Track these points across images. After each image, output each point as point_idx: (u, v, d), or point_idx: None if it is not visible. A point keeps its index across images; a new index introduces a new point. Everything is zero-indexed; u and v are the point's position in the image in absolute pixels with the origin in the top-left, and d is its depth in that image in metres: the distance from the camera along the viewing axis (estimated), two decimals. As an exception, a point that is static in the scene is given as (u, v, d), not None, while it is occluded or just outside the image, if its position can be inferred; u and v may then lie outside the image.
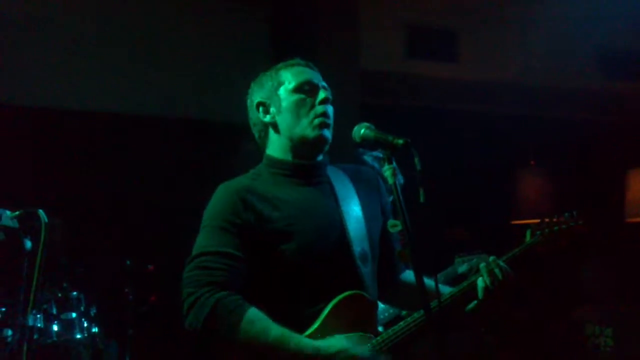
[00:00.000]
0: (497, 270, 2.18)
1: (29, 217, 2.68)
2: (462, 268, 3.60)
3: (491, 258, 2.23)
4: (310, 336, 2.05)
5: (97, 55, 5.29)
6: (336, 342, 2.02)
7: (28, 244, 2.75)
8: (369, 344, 2.08)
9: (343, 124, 2.29)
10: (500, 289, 2.18)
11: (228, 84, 5.39)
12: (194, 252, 2.13)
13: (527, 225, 2.40)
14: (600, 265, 5.30)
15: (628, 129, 5.95)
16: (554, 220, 2.36)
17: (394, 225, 2.12)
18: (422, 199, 3.46)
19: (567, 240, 2.33)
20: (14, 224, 2.70)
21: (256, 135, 2.34)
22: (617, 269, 5.29)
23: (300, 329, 2.05)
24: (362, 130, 2.09)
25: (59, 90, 5.21)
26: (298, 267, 2.10)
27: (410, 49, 5.85)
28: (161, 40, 5.47)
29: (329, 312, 2.07)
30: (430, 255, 2.08)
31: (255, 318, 1.99)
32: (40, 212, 2.59)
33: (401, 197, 1.96)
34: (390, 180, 1.98)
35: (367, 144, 2.10)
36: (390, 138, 2.00)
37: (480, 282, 2.19)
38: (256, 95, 2.31)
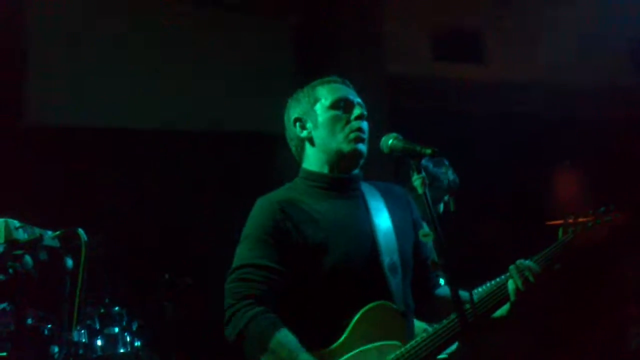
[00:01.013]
0: (527, 272, 2.16)
1: (70, 237, 2.75)
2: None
3: (520, 260, 2.21)
4: (339, 348, 2.09)
5: (127, 73, 5.38)
6: None
7: (69, 262, 2.83)
8: (396, 354, 2.10)
9: (372, 129, 2.34)
10: (532, 290, 2.16)
11: (256, 94, 5.46)
12: (235, 263, 2.20)
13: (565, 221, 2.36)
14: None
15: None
16: (588, 216, 2.31)
17: (426, 235, 2.14)
18: (452, 208, 3.46)
19: (603, 234, 2.28)
20: (56, 243, 2.78)
21: (293, 150, 2.41)
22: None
23: (331, 340, 2.10)
24: (390, 141, 2.13)
25: (93, 108, 5.32)
26: (331, 278, 2.15)
27: (436, 51, 5.84)
28: (189, 54, 5.55)
29: (356, 322, 2.12)
30: (462, 265, 2.09)
31: (285, 340, 2.05)
32: (80, 231, 2.66)
33: (432, 206, 1.98)
34: (420, 190, 2.00)
35: (395, 154, 2.13)
36: (418, 148, 2.04)
37: (510, 284, 2.18)
38: (293, 111, 2.38)
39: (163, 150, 5.41)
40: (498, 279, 2.27)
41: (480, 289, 2.37)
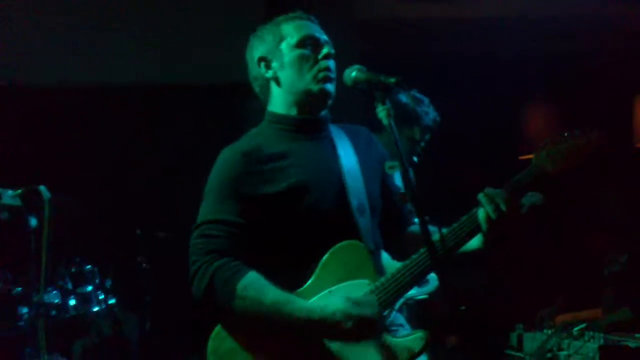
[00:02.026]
0: (497, 199, 2.09)
1: (32, 195, 2.65)
2: None
3: (489, 189, 2.15)
4: (307, 289, 2.09)
5: (91, 27, 5.22)
6: (331, 301, 2.05)
7: (33, 221, 2.74)
8: (365, 292, 2.09)
9: (342, 73, 2.24)
10: (504, 217, 2.09)
11: (225, 41, 5.32)
12: (198, 220, 2.16)
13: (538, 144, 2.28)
14: (616, 193, 5.22)
15: (633, 54, 5.81)
16: (560, 138, 2.22)
17: (392, 167, 2.13)
18: (408, 148, 3.42)
19: (578, 156, 2.19)
20: (17, 202, 2.68)
21: (257, 90, 2.34)
22: (631, 194, 5.21)
23: (301, 283, 2.10)
24: (354, 73, 2.09)
25: (58, 66, 5.17)
26: (300, 223, 2.13)
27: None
28: (151, 3, 5.38)
29: (324, 263, 2.11)
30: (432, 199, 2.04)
31: (250, 283, 2.03)
32: (42, 188, 2.57)
33: (398, 137, 1.95)
34: (385, 121, 1.97)
35: (359, 86, 2.09)
36: (382, 78, 2.00)
37: (481, 213, 2.11)
38: (257, 50, 2.30)
39: (131, 105, 5.29)
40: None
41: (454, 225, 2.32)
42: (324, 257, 2.11)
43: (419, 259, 2.09)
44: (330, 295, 2.08)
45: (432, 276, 2.14)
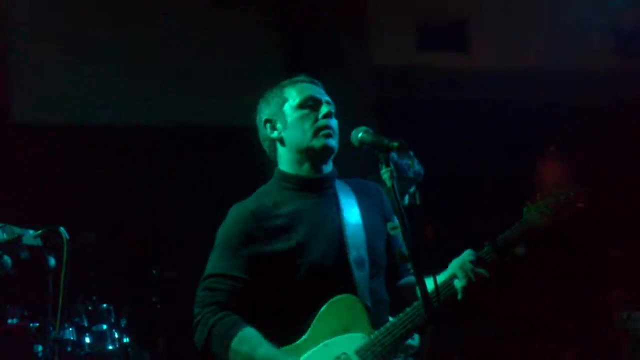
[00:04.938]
0: (470, 274, 2.18)
1: (51, 235, 2.73)
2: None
3: (467, 252, 2.23)
4: (304, 342, 2.14)
5: (112, 71, 5.36)
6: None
7: (52, 261, 2.82)
8: (359, 344, 2.14)
9: (361, 121, 2.32)
10: (478, 286, 2.18)
11: (241, 90, 5.44)
12: (205, 272, 2.26)
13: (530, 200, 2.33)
14: (628, 248, 5.21)
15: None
16: (549, 193, 2.29)
17: (394, 228, 2.17)
18: (418, 201, 3.49)
19: (566, 211, 2.25)
20: (37, 242, 2.76)
21: (267, 151, 2.44)
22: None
23: (299, 335, 2.15)
24: (360, 134, 2.15)
25: (82, 106, 5.31)
26: (301, 280, 2.19)
27: (421, 42, 5.83)
28: (174, 51, 5.53)
29: (320, 316, 2.16)
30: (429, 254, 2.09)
31: (247, 337, 2.12)
32: (62, 229, 2.65)
33: (400, 199, 2.01)
34: (389, 183, 2.02)
35: (365, 147, 2.15)
36: (385, 141, 2.06)
37: (457, 283, 2.20)
38: (263, 113, 2.42)
39: (153, 146, 5.40)
40: (447, 275, 2.23)
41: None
42: (321, 310, 2.16)
43: (411, 313, 2.15)
44: (326, 347, 2.13)
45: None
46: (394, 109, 5.62)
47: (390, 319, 2.21)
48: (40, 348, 3.59)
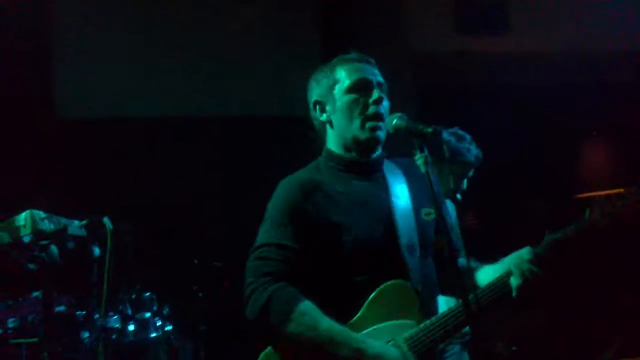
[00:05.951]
0: (527, 272, 2.17)
1: (96, 225, 2.78)
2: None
3: (525, 250, 2.20)
4: (354, 324, 2.11)
5: (154, 62, 5.41)
6: (377, 343, 2.07)
7: (96, 250, 2.86)
8: (408, 332, 2.12)
9: (401, 108, 2.29)
10: (534, 284, 2.16)
11: (283, 76, 5.44)
12: (256, 243, 2.23)
13: (594, 199, 2.27)
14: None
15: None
16: (616, 196, 2.21)
17: (428, 214, 2.14)
18: (452, 186, 3.46)
19: (634, 215, 2.18)
20: (82, 232, 2.81)
21: (316, 128, 2.43)
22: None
23: (347, 318, 2.12)
24: (395, 121, 2.15)
25: (119, 98, 5.38)
26: (350, 258, 2.16)
27: (459, 25, 5.74)
28: (213, 40, 5.55)
29: (371, 300, 2.14)
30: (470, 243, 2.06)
31: (307, 310, 2.07)
32: (105, 219, 2.69)
33: (434, 185, 2.00)
34: (423, 169, 2.02)
35: (400, 132, 2.13)
36: (420, 127, 2.05)
37: (512, 281, 2.18)
38: (313, 93, 2.39)
39: (191, 137, 5.44)
40: (502, 271, 2.21)
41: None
42: (372, 295, 2.14)
43: (456, 310, 2.13)
44: (375, 332, 2.10)
45: None
46: (433, 94, 5.54)
47: (441, 305, 2.18)
48: (87, 335, 3.65)
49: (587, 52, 5.77)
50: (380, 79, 2.32)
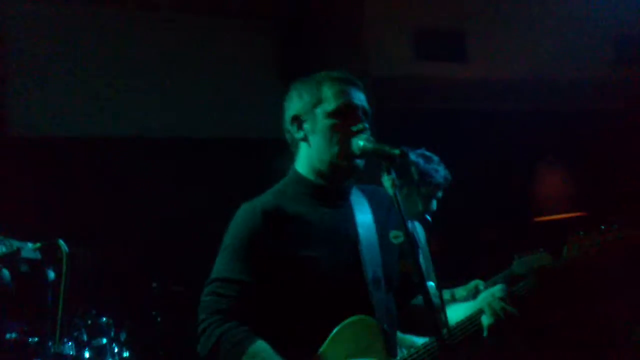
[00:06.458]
0: (500, 312, 2.09)
1: (51, 248, 2.71)
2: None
3: (499, 287, 2.13)
4: None
5: (106, 81, 5.35)
6: None
7: (51, 274, 2.79)
8: None
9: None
10: (507, 325, 2.10)
11: (239, 100, 5.45)
12: (211, 276, 2.14)
13: (551, 222, 2.29)
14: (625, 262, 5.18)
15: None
16: (595, 232, 2.19)
17: (396, 237, 2.11)
18: (420, 208, 3.46)
19: (613, 251, 2.16)
20: (36, 255, 2.74)
21: (288, 140, 2.30)
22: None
23: (310, 353, 2.04)
24: (361, 143, 2.09)
25: (77, 118, 5.29)
26: (312, 292, 2.09)
27: (419, 52, 5.84)
28: (169, 61, 5.53)
29: (334, 336, 2.05)
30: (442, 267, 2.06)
31: (259, 351, 1.99)
32: (61, 242, 2.62)
33: (402, 208, 1.94)
34: (390, 191, 1.96)
35: (366, 155, 2.10)
36: (387, 149, 2.00)
37: (484, 320, 2.12)
38: (293, 106, 2.26)
39: (151, 158, 5.37)
40: (474, 308, 2.15)
41: (455, 291, 2.31)
42: (335, 330, 2.05)
43: (429, 347, 2.06)
44: None
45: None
46: (392, 119, 5.61)
47: (404, 345, 2.13)
48: (40, 362, 3.55)
49: (541, 80, 5.92)
50: (366, 105, 2.22)
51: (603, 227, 2.20)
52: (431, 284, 2.26)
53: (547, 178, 5.76)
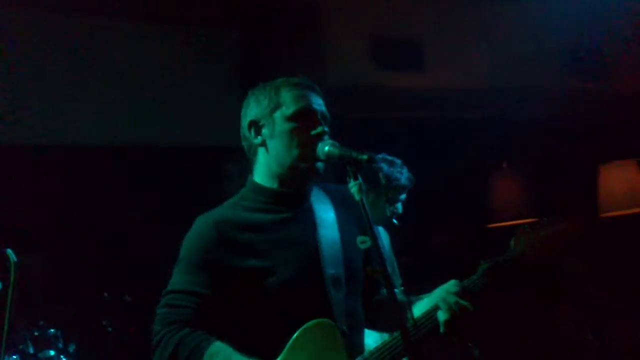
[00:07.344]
0: (455, 307, 2.09)
1: (-3, 257, 2.61)
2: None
3: (452, 283, 2.14)
4: None
5: (68, 89, 5.22)
6: None
7: (-3, 284, 2.68)
8: None
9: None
10: (463, 321, 2.09)
11: (193, 108, 5.39)
12: (168, 287, 2.13)
13: (504, 228, 2.34)
14: (579, 261, 5.30)
15: (596, 126, 6.02)
16: (539, 225, 2.25)
17: (363, 242, 2.08)
18: (387, 213, 3.49)
19: (557, 242, 2.21)
20: (-19, 265, 2.63)
21: (245, 148, 2.28)
22: (595, 263, 5.30)
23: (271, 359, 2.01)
24: (327, 148, 2.07)
25: (27, 126, 5.14)
26: (272, 301, 2.08)
27: (377, 61, 5.87)
28: (125, 69, 5.43)
29: (293, 342, 2.03)
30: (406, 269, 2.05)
31: (217, 350, 1.98)
32: (9, 251, 2.52)
33: (368, 213, 1.93)
34: (357, 197, 1.95)
35: (332, 160, 2.07)
36: (354, 154, 1.98)
37: (440, 316, 2.11)
38: (250, 112, 2.24)
39: (99, 166, 5.26)
40: (429, 305, 2.15)
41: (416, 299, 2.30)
42: (293, 337, 2.03)
43: (391, 344, 2.05)
44: None
45: None
46: (351, 127, 5.61)
47: (368, 344, 2.11)
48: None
49: (497, 89, 6.02)
50: (324, 110, 2.22)
51: (546, 219, 2.26)
52: (399, 288, 2.26)
53: (502, 185, 5.85)
